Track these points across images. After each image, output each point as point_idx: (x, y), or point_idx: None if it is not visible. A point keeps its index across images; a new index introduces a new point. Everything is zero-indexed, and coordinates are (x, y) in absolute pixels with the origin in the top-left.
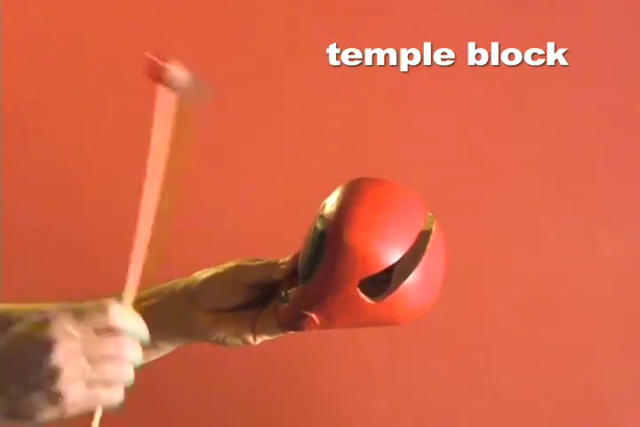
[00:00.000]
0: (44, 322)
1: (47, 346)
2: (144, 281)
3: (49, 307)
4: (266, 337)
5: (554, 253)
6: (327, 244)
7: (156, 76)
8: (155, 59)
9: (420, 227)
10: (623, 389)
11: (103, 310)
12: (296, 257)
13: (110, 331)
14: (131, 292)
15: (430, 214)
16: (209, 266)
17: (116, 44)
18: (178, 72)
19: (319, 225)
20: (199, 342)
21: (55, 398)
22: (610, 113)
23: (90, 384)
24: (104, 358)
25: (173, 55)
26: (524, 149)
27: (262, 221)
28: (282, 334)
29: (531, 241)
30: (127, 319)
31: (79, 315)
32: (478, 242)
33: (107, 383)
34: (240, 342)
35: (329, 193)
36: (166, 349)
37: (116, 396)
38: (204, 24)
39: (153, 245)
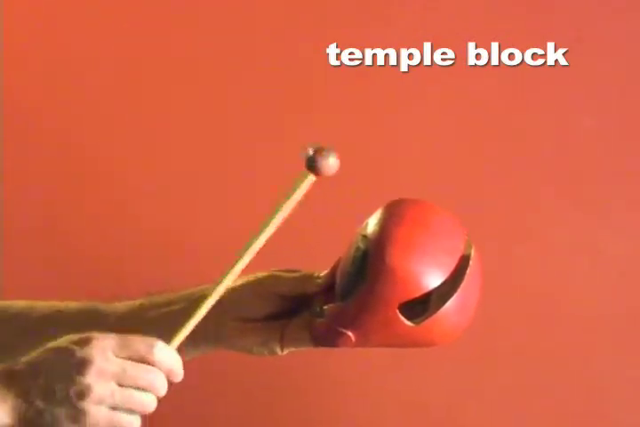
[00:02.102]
0: (86, 340)
1: (83, 364)
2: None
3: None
4: (293, 348)
5: (555, 253)
6: (369, 264)
7: (312, 167)
8: (312, 152)
9: (461, 251)
10: (623, 389)
11: (148, 343)
12: (333, 272)
13: (147, 362)
14: (180, 338)
15: (468, 238)
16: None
17: (116, 44)
18: (333, 161)
19: (361, 245)
20: (225, 349)
21: (78, 415)
22: (610, 113)
23: (114, 408)
24: (134, 385)
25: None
26: (524, 148)
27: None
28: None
29: (531, 242)
30: (168, 357)
31: (122, 342)
32: (478, 242)
33: (129, 410)
34: (266, 352)
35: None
36: (191, 354)
37: (135, 424)
38: (204, 24)
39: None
